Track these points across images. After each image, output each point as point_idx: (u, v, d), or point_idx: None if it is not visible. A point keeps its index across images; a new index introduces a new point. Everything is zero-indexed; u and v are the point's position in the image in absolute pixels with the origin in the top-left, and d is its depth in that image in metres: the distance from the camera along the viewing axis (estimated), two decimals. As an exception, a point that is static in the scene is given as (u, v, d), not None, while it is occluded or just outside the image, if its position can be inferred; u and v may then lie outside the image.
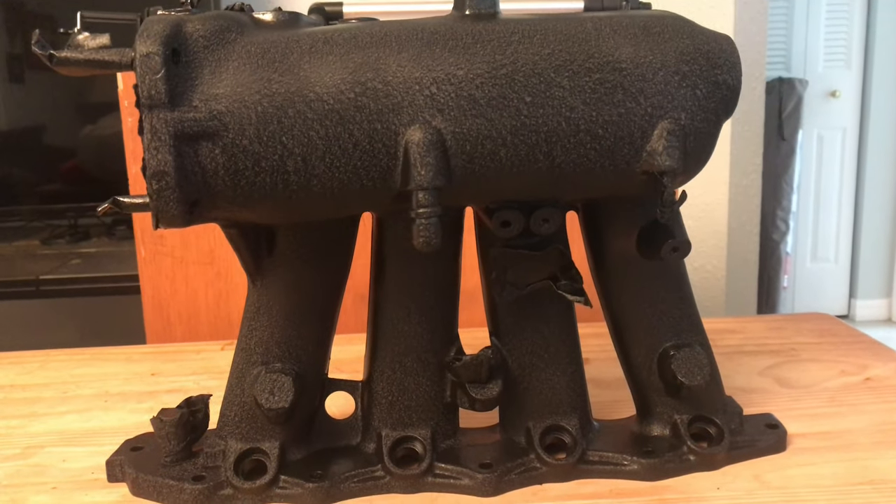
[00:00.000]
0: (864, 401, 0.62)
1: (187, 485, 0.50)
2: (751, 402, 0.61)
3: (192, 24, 0.41)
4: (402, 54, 0.43)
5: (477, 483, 0.50)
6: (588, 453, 0.52)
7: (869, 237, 3.16)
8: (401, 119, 0.43)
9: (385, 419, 0.53)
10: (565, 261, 0.50)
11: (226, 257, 0.90)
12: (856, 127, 3.10)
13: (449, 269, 0.52)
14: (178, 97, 0.40)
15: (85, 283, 1.33)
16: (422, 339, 0.52)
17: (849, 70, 3.05)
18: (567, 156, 0.44)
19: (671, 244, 0.48)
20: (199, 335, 0.91)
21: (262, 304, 0.51)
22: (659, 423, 0.54)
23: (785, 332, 0.78)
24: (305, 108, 0.42)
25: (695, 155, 0.46)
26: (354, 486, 0.51)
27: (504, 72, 0.43)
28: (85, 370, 0.75)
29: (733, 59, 0.46)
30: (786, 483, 0.50)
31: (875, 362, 0.69)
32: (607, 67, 0.44)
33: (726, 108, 0.47)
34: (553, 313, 0.52)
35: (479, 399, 0.51)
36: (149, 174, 0.40)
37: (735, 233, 1.67)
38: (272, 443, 0.51)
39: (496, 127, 0.43)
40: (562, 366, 0.53)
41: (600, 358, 0.66)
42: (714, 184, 1.61)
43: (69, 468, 0.56)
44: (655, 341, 0.53)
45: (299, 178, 0.43)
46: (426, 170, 0.42)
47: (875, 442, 0.55)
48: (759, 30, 1.65)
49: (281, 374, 0.50)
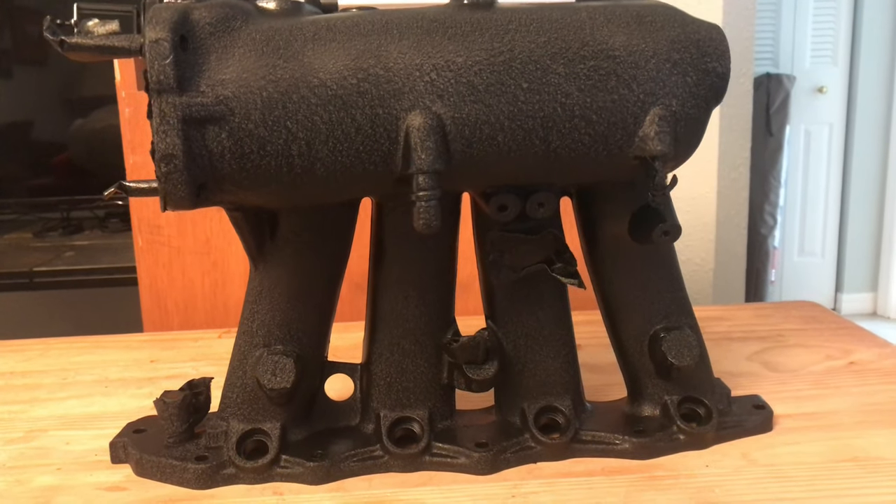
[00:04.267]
0: (847, 383, 0.64)
1: (190, 464, 0.51)
2: (739, 386, 0.62)
3: (199, 12, 0.43)
4: (402, 42, 0.44)
5: (473, 462, 0.52)
6: (581, 433, 0.53)
7: (855, 232, 3.19)
8: (402, 104, 0.44)
9: (384, 400, 0.54)
10: (560, 244, 0.51)
11: (222, 247, 0.90)
12: (842, 123, 3.13)
13: (446, 254, 0.53)
14: (186, 82, 0.41)
15: (79, 274, 1.33)
16: (419, 322, 0.53)
17: (835, 66, 3.08)
18: (562, 140, 0.46)
19: (662, 228, 0.50)
20: (195, 324, 0.92)
21: (264, 288, 0.52)
22: (650, 404, 0.56)
23: (772, 319, 0.80)
24: (309, 93, 0.43)
25: (685, 140, 0.48)
26: (354, 465, 0.52)
27: (501, 59, 0.45)
28: (84, 357, 0.76)
29: (723, 47, 0.48)
30: (772, 461, 0.52)
31: (859, 347, 0.71)
32: (601, 55, 0.46)
33: (716, 96, 0.48)
34: (547, 297, 0.54)
35: (476, 380, 0.52)
36: (158, 157, 0.41)
37: (723, 226, 1.69)
38: (273, 423, 0.52)
39: (494, 112, 0.45)
40: (555, 348, 0.54)
41: (592, 344, 0.68)
42: (702, 177, 1.63)
43: (72, 450, 0.56)
44: (646, 324, 0.55)
45: (303, 161, 0.44)
46: (426, 153, 0.43)
47: (858, 422, 0.57)
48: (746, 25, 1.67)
49: (283, 355, 0.51)
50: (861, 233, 3.19)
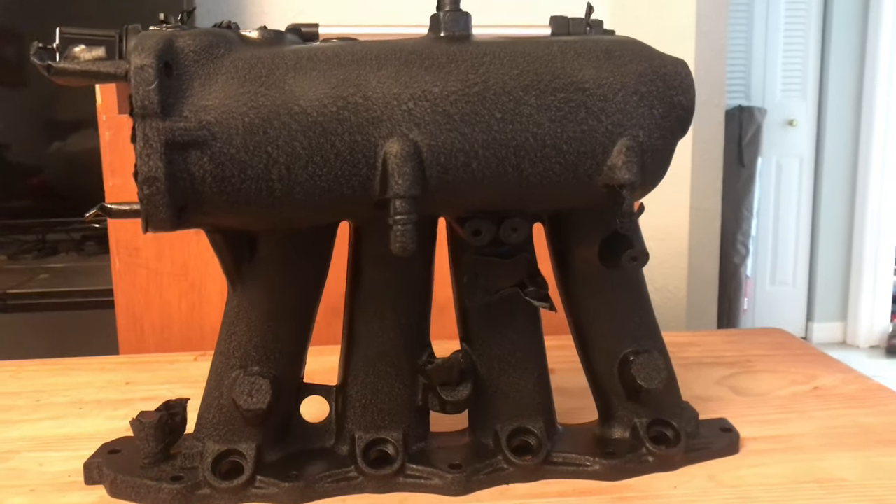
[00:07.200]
0: (812, 408, 0.65)
1: (165, 485, 0.51)
2: (707, 409, 0.64)
3: (184, 40, 0.44)
4: (381, 71, 0.46)
5: (447, 483, 0.52)
6: (553, 454, 0.54)
7: (825, 262, 3.25)
8: (380, 132, 0.45)
9: (359, 422, 0.54)
10: (532, 268, 0.53)
11: (200, 269, 0.91)
12: (812, 155, 3.20)
13: (422, 277, 0.54)
14: (170, 107, 0.42)
15: (54, 297, 1.33)
16: (395, 344, 0.54)
17: (804, 101, 3.16)
18: (534, 168, 0.47)
19: (630, 253, 0.52)
20: (171, 346, 0.92)
21: (242, 309, 0.53)
22: (620, 427, 0.57)
23: (740, 345, 0.82)
24: (290, 119, 0.44)
25: (651, 170, 0.49)
26: (329, 486, 0.52)
27: (476, 90, 0.46)
28: (58, 379, 0.75)
29: (688, 81, 0.50)
30: (738, 482, 0.53)
31: (823, 373, 0.73)
32: (571, 87, 0.48)
33: (682, 127, 0.50)
34: (520, 320, 0.55)
35: (450, 401, 0.53)
36: (140, 179, 0.42)
37: (696, 255, 1.72)
38: (249, 444, 0.53)
39: (469, 141, 0.46)
40: (528, 370, 0.56)
41: (564, 368, 0.69)
42: (675, 207, 1.66)
43: (46, 471, 0.56)
44: (616, 347, 0.56)
45: (283, 185, 0.45)
46: (403, 179, 0.44)
47: (821, 444, 0.58)
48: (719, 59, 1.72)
49: (259, 376, 0.52)
50: (831, 263, 3.25)
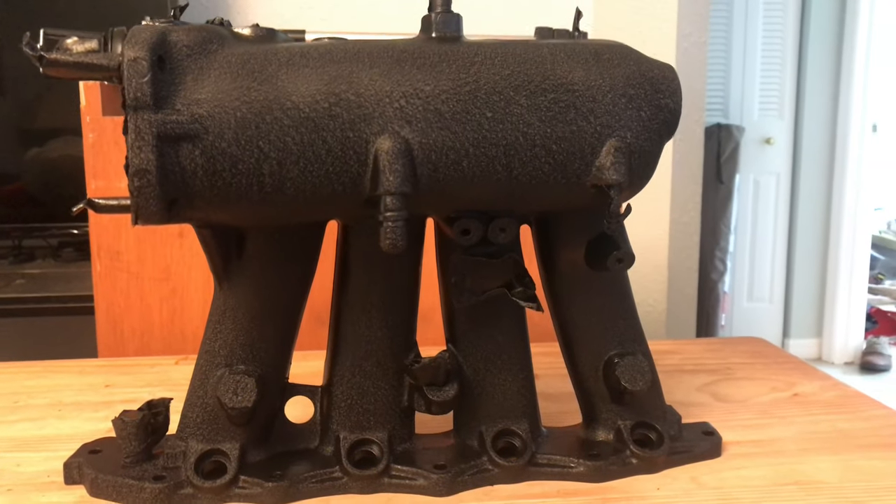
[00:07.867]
0: (792, 413, 0.66)
1: (147, 484, 0.51)
2: (689, 414, 0.64)
3: (177, 34, 0.44)
4: (373, 69, 0.46)
5: (431, 483, 0.52)
6: (537, 456, 0.54)
7: (801, 279, 3.29)
8: (371, 128, 0.46)
9: (343, 422, 0.54)
10: (519, 269, 0.53)
11: (182, 274, 0.90)
12: (788, 173, 3.25)
13: (410, 277, 0.54)
14: (162, 100, 0.42)
15: (30, 302, 1.31)
16: (382, 344, 0.54)
17: (781, 119, 3.21)
18: (524, 168, 0.48)
19: (616, 255, 0.52)
20: (151, 351, 0.91)
21: (228, 307, 0.52)
22: (604, 429, 0.57)
23: (721, 354, 0.82)
24: (282, 115, 0.44)
25: (639, 171, 0.50)
26: (313, 487, 0.52)
27: (467, 89, 0.47)
28: (36, 381, 0.74)
29: (675, 85, 0.51)
30: (720, 484, 0.54)
31: (802, 380, 0.74)
32: (561, 88, 0.48)
33: (668, 130, 0.51)
34: (506, 322, 0.55)
35: (436, 401, 0.53)
36: (131, 172, 0.42)
37: (675, 268, 1.73)
38: (232, 444, 0.52)
39: (459, 139, 0.47)
40: (513, 372, 0.56)
41: (549, 374, 0.69)
42: (655, 220, 1.68)
43: (24, 472, 0.56)
44: (601, 349, 0.57)
45: (274, 180, 0.45)
46: (394, 176, 0.45)
47: (801, 449, 0.59)
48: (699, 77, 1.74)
49: (244, 375, 0.52)
50: (807, 280, 3.29)
